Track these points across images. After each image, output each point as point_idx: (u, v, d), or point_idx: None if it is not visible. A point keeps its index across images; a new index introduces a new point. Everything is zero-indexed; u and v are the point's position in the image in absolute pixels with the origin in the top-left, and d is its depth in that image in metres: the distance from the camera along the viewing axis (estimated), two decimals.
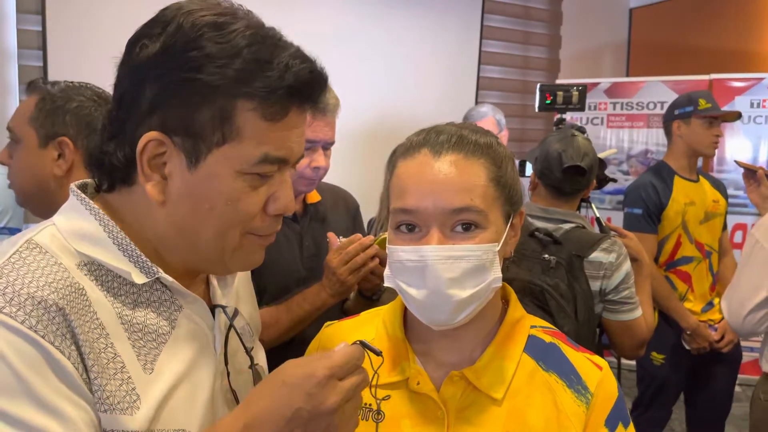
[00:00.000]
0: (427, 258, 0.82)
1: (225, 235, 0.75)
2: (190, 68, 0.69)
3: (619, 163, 4.29)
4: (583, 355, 0.93)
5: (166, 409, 0.72)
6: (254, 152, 0.72)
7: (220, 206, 0.73)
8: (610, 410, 0.88)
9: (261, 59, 0.70)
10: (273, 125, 0.72)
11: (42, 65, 3.05)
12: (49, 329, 0.65)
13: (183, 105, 0.70)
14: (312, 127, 1.55)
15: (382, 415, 0.88)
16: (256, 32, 0.71)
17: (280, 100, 0.71)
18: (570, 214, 1.86)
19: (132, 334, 0.73)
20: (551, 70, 4.77)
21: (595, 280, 1.71)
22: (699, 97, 2.65)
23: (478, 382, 0.87)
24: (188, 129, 0.71)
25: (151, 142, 0.71)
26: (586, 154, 1.85)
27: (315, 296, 1.52)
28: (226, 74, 0.69)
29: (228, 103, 0.70)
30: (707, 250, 2.69)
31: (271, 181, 0.75)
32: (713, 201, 2.71)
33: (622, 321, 1.76)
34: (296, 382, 0.68)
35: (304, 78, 0.72)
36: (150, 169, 0.73)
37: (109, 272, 0.73)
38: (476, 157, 0.86)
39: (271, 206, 0.76)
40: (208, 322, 0.82)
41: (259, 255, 0.81)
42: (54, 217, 0.76)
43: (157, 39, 0.71)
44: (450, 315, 0.84)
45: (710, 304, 2.69)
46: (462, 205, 0.83)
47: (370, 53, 3.86)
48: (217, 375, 0.81)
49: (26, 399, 0.62)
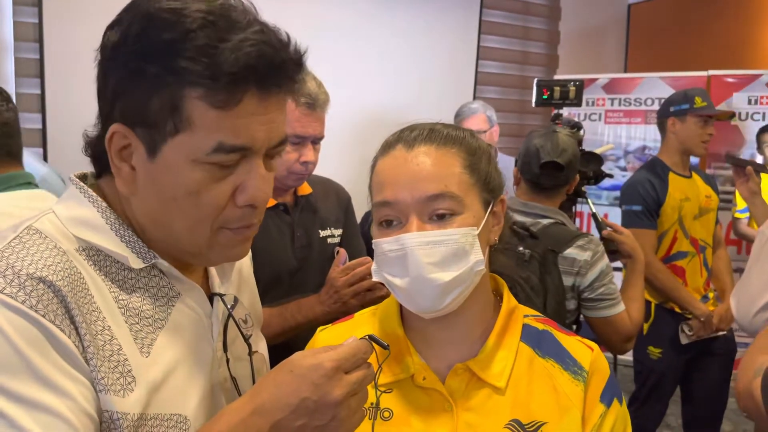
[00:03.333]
0: (406, 245, 0.85)
1: (195, 230, 0.74)
2: (139, 58, 0.69)
3: (616, 159, 4.30)
4: (575, 339, 0.97)
5: (161, 393, 0.73)
6: (207, 141, 0.70)
7: (181, 198, 0.72)
8: (604, 387, 0.92)
9: (207, 44, 0.67)
10: (225, 113, 0.69)
11: (38, 58, 3.03)
12: (49, 308, 0.65)
13: (137, 95, 0.70)
14: (301, 123, 1.56)
15: (390, 413, 0.90)
16: (208, 15, 0.68)
17: (227, 87, 0.68)
18: (550, 210, 1.88)
19: (129, 318, 0.73)
20: (550, 65, 4.77)
21: (568, 275, 1.74)
22: (695, 95, 2.67)
23: (482, 373, 0.90)
24: (144, 119, 0.70)
25: (115, 134, 0.72)
26: (564, 150, 1.86)
27: (309, 309, 1.51)
28: (172, 63, 0.67)
29: (176, 92, 0.69)
30: (701, 245, 2.72)
31: (237, 170, 0.73)
32: (706, 196, 2.74)
33: (603, 317, 1.79)
34: (303, 372, 0.69)
35: (252, 62, 0.68)
36: (120, 160, 0.73)
37: (107, 257, 0.74)
38: (448, 147, 0.89)
39: (239, 197, 0.74)
40: (206, 309, 0.82)
41: (240, 248, 0.79)
42: (53, 206, 0.77)
43: (119, 28, 0.71)
44: (435, 300, 0.86)
45: (705, 298, 2.71)
46: (437, 191, 0.86)
47: (369, 48, 3.86)
48: (214, 362, 0.81)
49: (28, 376, 0.63)
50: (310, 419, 0.68)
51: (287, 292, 1.60)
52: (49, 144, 3.05)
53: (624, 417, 0.93)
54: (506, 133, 4.36)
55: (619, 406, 0.92)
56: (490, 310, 0.96)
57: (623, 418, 0.93)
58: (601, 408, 0.90)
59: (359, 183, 2.24)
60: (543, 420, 0.88)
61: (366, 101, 3.80)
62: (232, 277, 0.91)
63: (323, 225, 1.74)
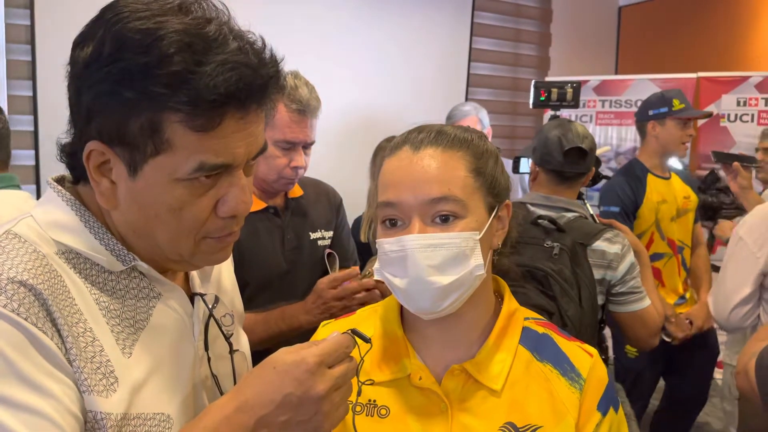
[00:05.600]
0: (407, 247, 0.85)
1: (178, 241, 0.75)
2: (113, 81, 0.67)
3: (607, 161, 4.32)
4: (575, 344, 0.96)
5: (144, 393, 0.74)
6: (188, 162, 0.70)
7: (164, 214, 0.72)
8: (601, 395, 0.92)
9: (185, 70, 0.66)
10: (205, 135, 0.69)
11: (30, 60, 3.03)
12: (30, 311, 0.66)
13: (114, 116, 0.69)
14: (292, 129, 1.57)
15: (387, 411, 0.91)
16: (183, 38, 0.67)
17: (206, 112, 0.68)
18: (573, 203, 1.87)
19: (110, 320, 0.74)
20: (541, 67, 4.80)
21: (598, 269, 1.72)
22: (672, 98, 2.69)
23: (478, 374, 0.90)
24: (122, 139, 0.70)
25: (93, 151, 0.71)
26: (585, 136, 1.88)
27: (293, 317, 1.50)
28: (149, 88, 0.66)
29: (154, 116, 0.68)
30: (679, 246, 2.74)
31: (218, 184, 0.73)
32: (684, 197, 2.77)
33: (633, 312, 1.77)
34: (286, 368, 0.70)
35: (232, 87, 0.67)
36: (99, 175, 0.73)
37: (86, 260, 0.75)
38: (455, 150, 0.89)
39: (221, 209, 0.74)
40: (187, 309, 0.83)
41: (222, 253, 0.80)
42: (32, 210, 0.77)
43: (89, 43, 0.70)
44: (433, 302, 0.86)
45: (683, 299, 2.73)
46: (440, 194, 0.86)
47: (361, 50, 3.87)
48: (196, 361, 0.82)
49: (13, 378, 0.64)
50: (294, 414, 0.69)
51: (277, 294, 1.60)
52: (41, 146, 3.05)
53: (619, 424, 0.93)
54: (498, 134, 4.37)
55: (614, 414, 0.92)
56: (491, 312, 0.96)
57: (618, 425, 0.93)
58: (597, 417, 0.90)
59: (350, 184, 2.26)
60: (538, 424, 0.88)
61: (358, 103, 3.81)
62: (212, 277, 0.91)
63: (314, 227, 1.73)
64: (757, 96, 4.00)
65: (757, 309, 1.95)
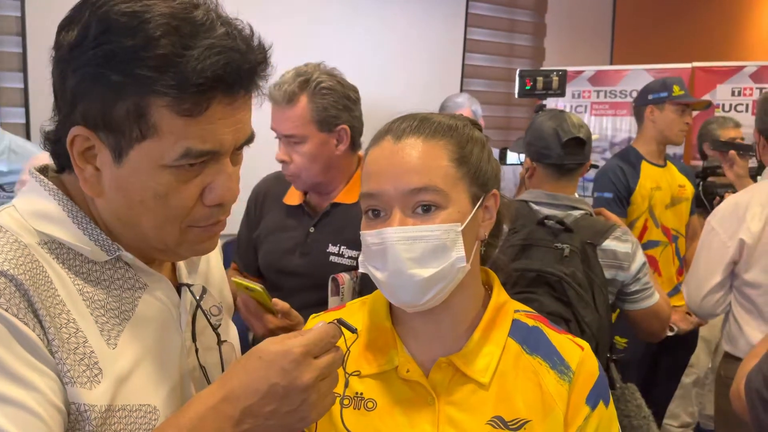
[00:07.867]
0: (387, 240, 0.85)
1: (163, 229, 0.74)
2: (99, 64, 0.66)
3: (602, 151, 4.31)
4: (566, 337, 0.95)
5: (129, 384, 0.73)
6: (175, 148, 0.69)
7: (149, 200, 0.71)
8: (590, 388, 0.91)
9: (172, 53, 0.66)
10: (192, 120, 0.68)
11: (21, 51, 3.01)
12: (11, 302, 0.65)
13: (99, 100, 0.68)
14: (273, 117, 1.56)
15: (374, 404, 0.90)
16: (171, 21, 0.66)
17: (193, 96, 0.67)
18: (578, 201, 1.83)
19: (94, 311, 0.73)
20: (536, 58, 4.78)
21: (608, 269, 1.67)
22: (673, 84, 2.69)
23: (465, 367, 0.89)
24: (107, 124, 0.69)
25: (77, 137, 0.70)
26: (581, 126, 1.82)
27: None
28: (135, 71, 0.65)
29: (140, 100, 0.67)
30: (673, 235, 2.74)
31: (204, 171, 0.72)
32: (679, 186, 2.76)
33: (647, 308, 1.73)
34: (272, 359, 0.70)
35: (219, 71, 0.67)
36: (83, 162, 0.72)
37: (69, 251, 0.74)
38: (436, 139, 0.88)
39: (207, 197, 0.74)
40: (173, 300, 0.82)
41: (208, 243, 0.79)
42: (14, 200, 0.76)
43: (75, 26, 0.69)
44: (415, 295, 0.86)
45: (676, 289, 2.73)
46: (420, 185, 0.85)
47: (356, 41, 3.85)
48: (183, 352, 0.82)
49: None
50: (279, 404, 0.69)
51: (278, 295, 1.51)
52: (33, 138, 3.03)
53: (609, 419, 0.92)
54: (493, 125, 4.36)
55: (604, 408, 0.91)
56: (479, 304, 0.95)
57: (608, 420, 0.92)
58: (586, 410, 0.89)
59: None
60: (527, 418, 0.87)
61: None
62: (200, 268, 0.91)
63: (336, 240, 1.60)
64: (752, 86, 3.99)
65: (729, 296, 2.00)
